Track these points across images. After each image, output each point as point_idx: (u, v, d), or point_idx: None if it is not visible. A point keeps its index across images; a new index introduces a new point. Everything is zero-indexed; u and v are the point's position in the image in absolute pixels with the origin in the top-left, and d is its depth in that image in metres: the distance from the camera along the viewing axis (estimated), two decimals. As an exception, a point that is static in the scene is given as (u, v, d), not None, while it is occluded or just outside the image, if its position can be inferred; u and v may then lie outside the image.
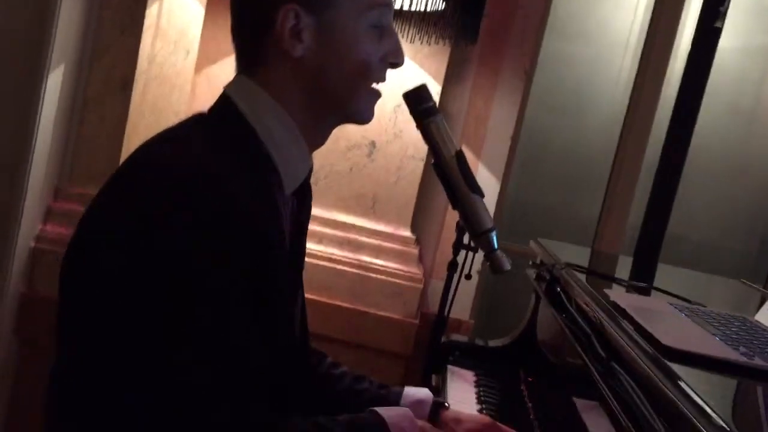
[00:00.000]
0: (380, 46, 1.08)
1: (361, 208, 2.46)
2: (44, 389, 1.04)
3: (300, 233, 1.17)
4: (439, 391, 1.71)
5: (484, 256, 1.18)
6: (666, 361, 0.94)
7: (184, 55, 2.27)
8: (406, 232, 2.49)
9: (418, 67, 2.41)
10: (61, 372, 1.02)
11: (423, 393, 1.34)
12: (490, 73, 2.59)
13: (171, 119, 2.30)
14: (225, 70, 2.55)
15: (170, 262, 0.91)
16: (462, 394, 1.67)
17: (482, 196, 1.18)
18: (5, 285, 1.91)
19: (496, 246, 1.18)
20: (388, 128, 2.44)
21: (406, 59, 1.20)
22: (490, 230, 1.18)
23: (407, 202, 2.47)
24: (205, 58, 2.50)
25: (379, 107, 1.14)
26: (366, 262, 2.43)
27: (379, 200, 2.47)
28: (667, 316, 1.20)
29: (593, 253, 2.29)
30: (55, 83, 1.93)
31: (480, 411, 1.57)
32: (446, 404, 1.39)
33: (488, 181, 2.63)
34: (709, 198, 3.21)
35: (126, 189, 0.98)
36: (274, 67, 1.07)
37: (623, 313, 1.18)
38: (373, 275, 2.42)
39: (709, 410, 0.79)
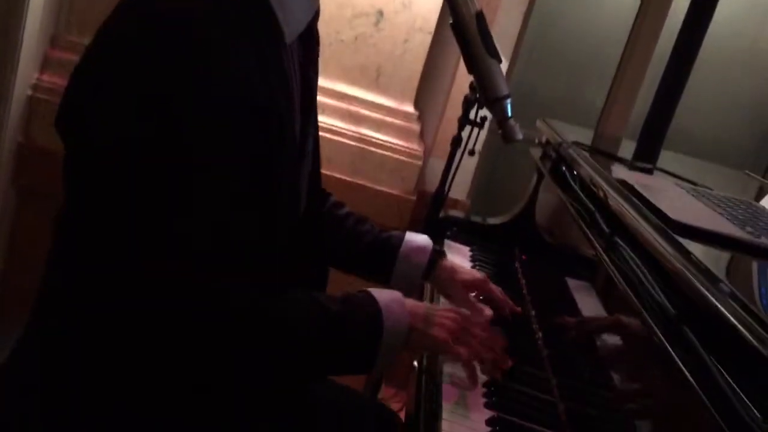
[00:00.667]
0: None
1: (364, 80, 2.40)
2: (45, 235, 1.03)
3: (308, 78, 1.13)
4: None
5: (497, 123, 1.15)
6: (674, 235, 0.94)
7: None
8: (409, 108, 2.45)
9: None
10: (64, 218, 1.01)
11: (424, 240, 1.36)
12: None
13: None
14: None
15: (162, 112, 0.88)
16: (458, 267, 1.68)
17: (500, 61, 1.14)
18: (2, 134, 1.88)
19: (509, 114, 1.15)
20: (397, -3, 2.35)
21: None
22: (505, 97, 1.14)
23: (412, 76, 2.41)
24: None
25: (389, -27, 1.07)
26: (367, 135, 2.40)
27: (384, 73, 2.41)
28: (674, 194, 1.20)
29: (597, 135, 2.27)
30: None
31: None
32: (444, 252, 1.40)
33: (496, 60, 2.57)
34: (716, 91, 3.18)
35: (118, 34, 0.94)
36: None
37: (631, 189, 1.18)
38: (374, 149, 2.39)
39: (721, 281, 0.79)
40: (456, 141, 1.87)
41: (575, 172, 1.44)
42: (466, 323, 1.11)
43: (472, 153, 1.85)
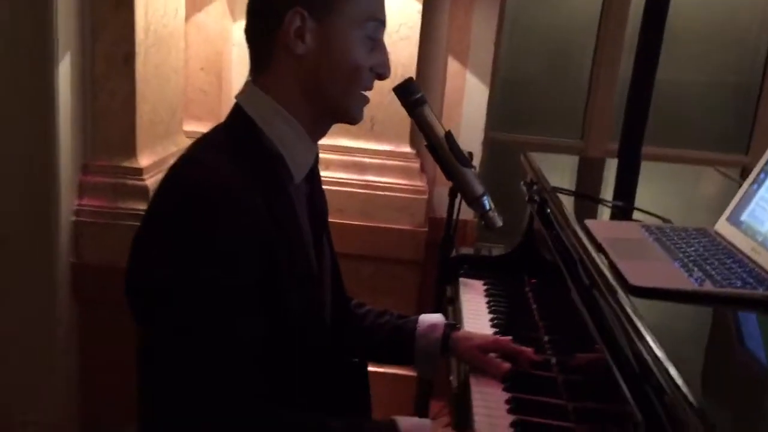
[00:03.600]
0: (370, 57, 1.24)
1: (361, 131, 2.62)
2: (111, 340, 1.19)
3: (319, 211, 1.36)
4: (453, 301, 1.94)
5: (479, 216, 1.37)
6: (631, 300, 1.16)
7: (174, 15, 2.36)
8: (406, 148, 2.67)
9: (397, -14, 2.49)
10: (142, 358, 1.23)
11: (436, 317, 1.56)
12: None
13: (172, 77, 2.42)
14: (211, 15, 2.64)
15: (195, 269, 1.08)
16: (475, 306, 1.88)
17: (472, 167, 1.35)
18: (57, 258, 2.13)
19: (488, 207, 1.37)
20: (377, 52, 2.55)
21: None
22: (482, 195, 1.36)
23: (403, 119, 2.62)
24: (192, 7, 2.58)
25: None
26: (372, 181, 2.63)
27: (377, 121, 2.63)
28: (637, 245, 1.40)
29: (581, 162, 2.46)
30: (65, 70, 2.06)
31: (491, 320, 1.80)
32: (457, 325, 1.60)
33: (476, 88, 2.78)
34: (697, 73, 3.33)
35: (162, 212, 1.16)
36: (278, 66, 1.22)
37: (599, 247, 1.38)
38: (380, 192, 2.62)
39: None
40: (453, 191, 2.08)
41: (556, 222, 1.65)
42: None
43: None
